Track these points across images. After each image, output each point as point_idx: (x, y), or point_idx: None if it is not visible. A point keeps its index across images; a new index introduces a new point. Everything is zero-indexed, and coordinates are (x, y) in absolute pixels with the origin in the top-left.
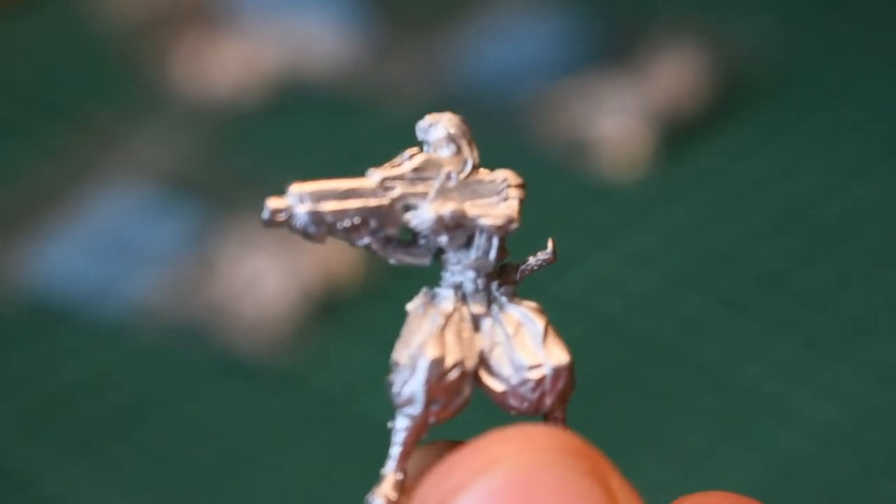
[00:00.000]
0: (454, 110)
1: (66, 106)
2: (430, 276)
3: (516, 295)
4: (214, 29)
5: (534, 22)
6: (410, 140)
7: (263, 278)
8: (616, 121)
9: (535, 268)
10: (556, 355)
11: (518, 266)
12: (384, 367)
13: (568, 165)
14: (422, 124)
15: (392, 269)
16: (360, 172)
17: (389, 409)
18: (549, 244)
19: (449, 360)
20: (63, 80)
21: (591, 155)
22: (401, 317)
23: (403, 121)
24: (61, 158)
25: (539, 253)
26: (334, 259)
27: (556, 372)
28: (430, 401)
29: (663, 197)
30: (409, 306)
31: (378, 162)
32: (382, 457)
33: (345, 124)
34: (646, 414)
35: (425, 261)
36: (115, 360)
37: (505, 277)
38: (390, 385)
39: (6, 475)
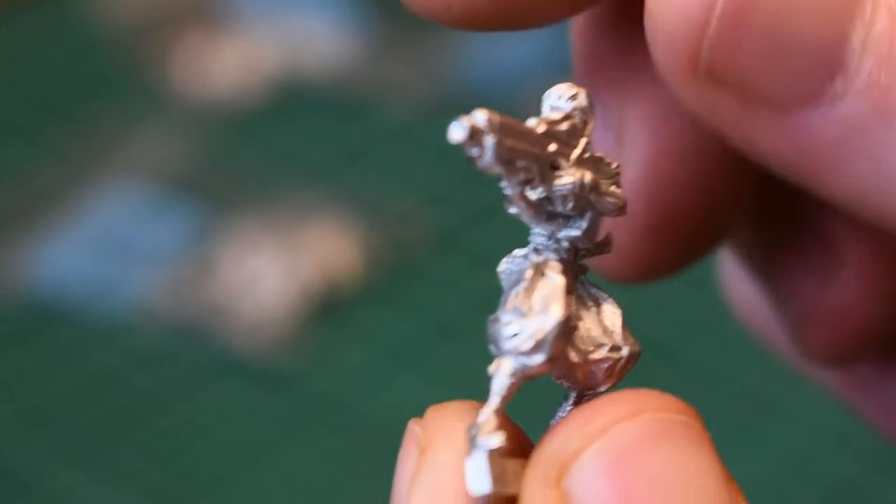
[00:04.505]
0: (454, 110)
1: (66, 106)
2: (428, 274)
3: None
4: (214, 29)
5: None
6: (410, 140)
7: (263, 278)
8: None
9: (592, 254)
10: (631, 341)
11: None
12: (384, 367)
13: None
14: (560, 92)
15: (391, 270)
16: (360, 172)
17: (388, 409)
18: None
19: (572, 323)
20: (63, 80)
21: None
22: (400, 317)
23: (403, 121)
24: (61, 158)
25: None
26: (334, 259)
27: (629, 358)
28: (552, 357)
29: None
30: (534, 258)
31: (377, 162)
32: (383, 456)
33: (345, 124)
34: None
35: (540, 220)
36: (115, 360)
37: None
38: (507, 329)
39: (6, 475)
